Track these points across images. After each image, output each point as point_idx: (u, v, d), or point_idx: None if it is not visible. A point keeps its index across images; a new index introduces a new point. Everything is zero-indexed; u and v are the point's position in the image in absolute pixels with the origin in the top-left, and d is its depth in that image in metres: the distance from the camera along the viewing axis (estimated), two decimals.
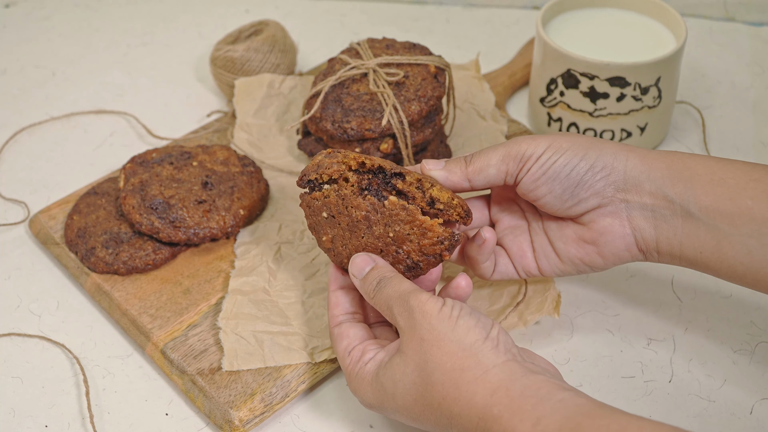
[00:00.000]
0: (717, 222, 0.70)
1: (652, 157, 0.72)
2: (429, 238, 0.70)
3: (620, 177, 0.72)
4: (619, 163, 0.72)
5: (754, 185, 0.69)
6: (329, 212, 0.73)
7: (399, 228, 0.71)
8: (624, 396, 0.76)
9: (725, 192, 0.69)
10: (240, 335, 0.78)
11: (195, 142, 0.97)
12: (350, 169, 0.72)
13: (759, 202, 0.68)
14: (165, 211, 0.85)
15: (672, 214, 0.71)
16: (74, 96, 1.07)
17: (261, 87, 1.00)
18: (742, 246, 0.69)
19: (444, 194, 0.71)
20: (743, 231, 0.69)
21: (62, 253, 0.87)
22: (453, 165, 0.74)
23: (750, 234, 0.69)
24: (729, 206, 0.69)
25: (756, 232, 0.68)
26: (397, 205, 0.70)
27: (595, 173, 0.72)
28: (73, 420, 0.76)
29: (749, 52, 1.12)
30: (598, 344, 0.80)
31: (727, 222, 0.69)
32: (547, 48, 0.93)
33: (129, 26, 1.17)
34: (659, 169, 0.72)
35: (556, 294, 0.80)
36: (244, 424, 0.74)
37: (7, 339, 0.82)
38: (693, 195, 0.70)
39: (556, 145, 0.72)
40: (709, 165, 0.71)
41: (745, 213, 0.69)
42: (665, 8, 0.96)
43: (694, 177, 0.71)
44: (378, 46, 0.92)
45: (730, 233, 0.69)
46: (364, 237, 0.72)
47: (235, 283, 0.82)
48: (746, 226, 0.69)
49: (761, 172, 0.69)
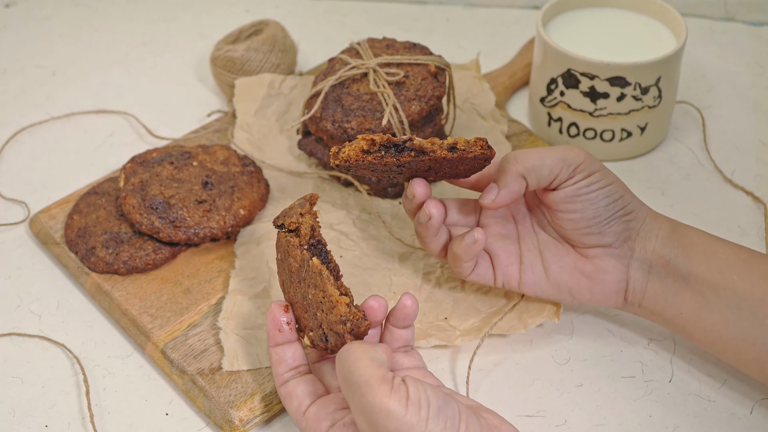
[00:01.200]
0: (703, 289, 0.74)
1: (661, 218, 0.76)
2: (334, 314, 0.67)
3: (638, 226, 0.75)
4: (641, 214, 0.76)
5: (741, 264, 0.73)
6: (282, 255, 0.72)
7: (313, 293, 0.68)
8: (624, 396, 0.76)
9: (716, 264, 0.73)
10: (240, 335, 0.78)
11: (195, 141, 0.97)
12: (363, 150, 0.71)
13: (743, 280, 0.73)
14: (165, 211, 0.85)
15: (666, 274, 0.75)
16: (74, 96, 1.07)
17: (261, 87, 1.00)
18: (721, 315, 0.73)
19: (461, 138, 0.71)
20: (725, 302, 0.73)
21: (62, 253, 0.87)
22: (507, 177, 0.73)
23: (730, 306, 0.73)
24: (717, 278, 0.73)
25: (736, 305, 0.72)
26: (316, 269, 0.67)
27: (625, 214, 0.75)
28: (73, 420, 0.76)
29: (749, 51, 1.12)
30: (599, 344, 0.80)
31: (713, 291, 0.73)
32: (548, 48, 0.93)
33: (129, 26, 1.17)
34: (665, 230, 0.76)
35: None
36: (244, 424, 0.74)
37: (8, 339, 0.82)
38: (688, 260, 0.74)
39: (606, 172, 0.74)
40: (704, 238, 0.75)
41: (730, 286, 0.73)
42: (665, 8, 0.96)
43: (692, 245, 0.75)
44: (378, 46, 0.92)
45: (712, 302, 0.73)
46: (297, 290, 0.70)
47: (236, 283, 0.82)
48: (729, 298, 0.73)
49: (749, 254, 0.74)
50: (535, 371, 0.78)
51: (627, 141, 0.96)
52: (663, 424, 0.74)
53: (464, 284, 0.83)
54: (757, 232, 0.90)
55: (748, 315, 0.72)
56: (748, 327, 0.72)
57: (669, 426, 0.74)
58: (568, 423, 0.74)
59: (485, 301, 0.81)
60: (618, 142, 0.96)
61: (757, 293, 0.72)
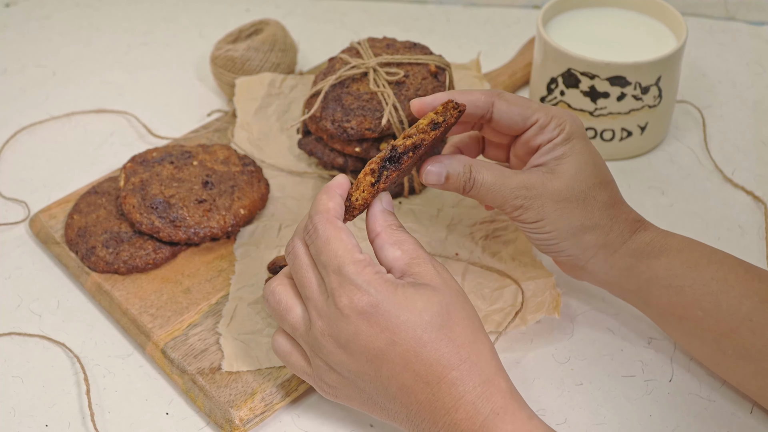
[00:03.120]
0: (665, 317, 0.74)
1: (618, 255, 0.75)
2: None
3: (578, 266, 0.76)
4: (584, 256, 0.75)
5: (709, 299, 0.71)
6: None
7: None
8: (624, 395, 0.76)
9: (680, 300, 0.72)
10: (240, 340, 0.78)
11: (195, 141, 0.97)
12: (372, 184, 0.70)
13: (708, 315, 0.71)
14: (165, 211, 0.85)
15: (622, 296, 0.77)
16: (74, 95, 1.07)
17: (261, 86, 1.00)
18: (684, 337, 0.75)
19: (430, 113, 0.71)
20: (688, 331, 0.73)
21: (63, 253, 0.87)
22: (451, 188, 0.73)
23: (693, 334, 0.73)
24: (680, 312, 0.73)
25: (699, 335, 0.73)
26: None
27: (559, 255, 0.76)
28: (73, 419, 0.76)
29: (750, 51, 1.12)
30: (599, 343, 0.80)
31: (676, 320, 0.74)
32: (548, 47, 0.93)
33: (129, 25, 1.17)
34: (620, 269, 0.75)
35: (557, 294, 0.80)
36: (244, 424, 0.74)
37: (8, 338, 0.82)
38: (646, 296, 0.74)
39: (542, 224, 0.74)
40: (672, 268, 0.73)
41: (693, 319, 0.72)
42: (666, 7, 0.96)
43: (653, 280, 0.74)
44: (378, 46, 0.92)
45: (674, 325, 0.74)
46: None
47: (235, 289, 0.82)
48: (692, 329, 0.73)
49: (720, 285, 0.71)
50: (535, 370, 0.78)
51: (627, 140, 0.96)
52: (663, 423, 0.74)
53: (464, 283, 0.83)
54: (758, 231, 0.90)
55: (712, 344, 0.72)
56: (711, 352, 0.73)
57: (669, 425, 0.74)
58: (568, 422, 0.74)
59: (486, 299, 0.81)
60: (618, 142, 0.96)
61: (722, 328, 0.71)
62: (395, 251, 0.68)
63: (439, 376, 0.63)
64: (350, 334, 0.65)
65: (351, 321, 0.64)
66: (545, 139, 0.74)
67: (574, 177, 0.73)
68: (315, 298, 0.67)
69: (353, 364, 0.66)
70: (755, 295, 0.70)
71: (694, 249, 0.74)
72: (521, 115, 0.74)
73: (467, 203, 0.89)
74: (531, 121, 0.74)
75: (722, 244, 0.88)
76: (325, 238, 0.66)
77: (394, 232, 0.69)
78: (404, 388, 0.64)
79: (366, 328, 0.64)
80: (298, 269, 0.68)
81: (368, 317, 0.64)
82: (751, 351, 0.70)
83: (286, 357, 0.71)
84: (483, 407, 0.63)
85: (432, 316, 0.64)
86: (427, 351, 0.64)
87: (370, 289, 0.64)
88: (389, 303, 0.64)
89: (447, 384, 0.63)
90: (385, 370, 0.64)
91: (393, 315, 0.64)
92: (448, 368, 0.63)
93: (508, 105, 0.74)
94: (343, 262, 0.65)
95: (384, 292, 0.64)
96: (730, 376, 0.73)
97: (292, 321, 0.68)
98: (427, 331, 0.64)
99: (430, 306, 0.64)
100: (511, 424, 0.63)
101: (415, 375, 0.64)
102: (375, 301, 0.64)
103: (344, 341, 0.65)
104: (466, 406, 0.63)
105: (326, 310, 0.66)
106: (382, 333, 0.64)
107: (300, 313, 0.68)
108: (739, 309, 0.70)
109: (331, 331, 0.65)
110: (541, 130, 0.74)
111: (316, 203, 0.68)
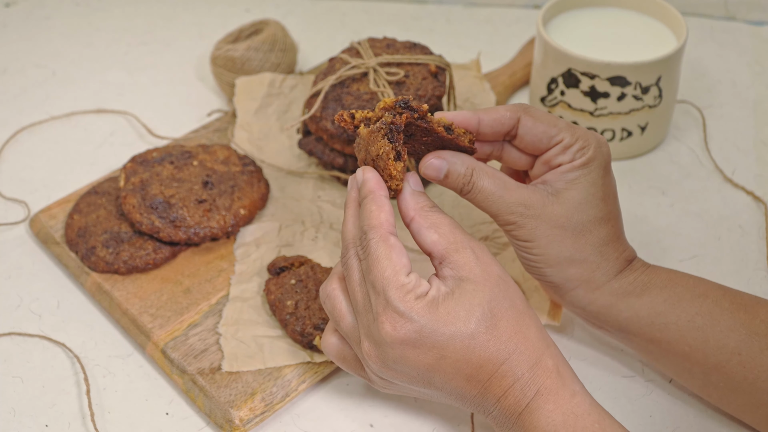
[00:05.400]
0: (651, 349, 0.73)
1: (600, 293, 0.73)
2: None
3: (558, 294, 0.75)
4: (565, 289, 0.74)
5: (695, 334, 0.70)
6: (297, 278, 0.80)
7: None
8: (624, 395, 0.76)
9: (664, 336, 0.72)
10: (240, 340, 0.78)
11: (195, 141, 0.97)
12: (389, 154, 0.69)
13: (696, 351, 0.71)
14: (165, 211, 0.85)
15: (606, 329, 0.75)
16: (75, 95, 1.07)
17: (261, 86, 1.00)
18: (672, 369, 0.74)
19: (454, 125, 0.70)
20: (676, 364, 0.72)
21: (63, 253, 0.87)
22: (449, 185, 0.72)
23: (682, 367, 0.72)
24: (665, 347, 0.72)
25: (688, 369, 0.72)
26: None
27: (541, 278, 0.74)
28: (73, 419, 0.76)
29: (750, 51, 1.12)
30: (599, 343, 0.80)
31: (662, 353, 0.73)
32: (548, 47, 0.93)
33: (129, 25, 1.17)
34: (600, 306, 0.73)
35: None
36: (244, 424, 0.74)
37: (8, 338, 0.82)
38: (627, 333, 0.73)
39: (531, 245, 0.72)
40: (654, 306, 0.72)
41: (681, 355, 0.71)
42: (666, 7, 0.96)
43: (633, 319, 0.72)
44: (378, 46, 0.92)
45: (660, 358, 0.74)
46: None
47: (236, 290, 0.82)
48: (680, 363, 0.72)
49: (706, 319, 0.70)
50: None
51: (627, 140, 0.96)
52: (663, 423, 0.74)
53: None
54: (758, 231, 0.90)
55: (701, 377, 0.71)
56: (701, 385, 0.72)
57: (669, 426, 0.74)
58: None
59: None
60: (618, 142, 0.96)
61: (710, 362, 0.70)
62: (432, 235, 0.67)
63: (489, 373, 0.64)
64: (397, 358, 0.65)
65: (395, 347, 0.64)
66: (566, 159, 0.71)
67: (576, 207, 0.71)
68: (363, 316, 0.67)
69: (403, 379, 0.66)
70: (742, 327, 0.69)
71: (677, 284, 0.72)
72: (546, 133, 0.71)
73: (468, 203, 0.89)
74: (556, 140, 0.71)
75: (722, 244, 0.88)
76: (375, 257, 0.65)
77: (429, 214, 0.67)
78: (457, 390, 0.65)
79: (412, 352, 0.64)
80: (350, 283, 0.68)
81: (413, 343, 0.64)
82: (742, 384, 0.69)
83: (340, 353, 0.71)
84: (529, 390, 0.64)
85: (477, 322, 0.64)
86: (476, 355, 0.64)
87: (413, 315, 0.64)
88: (433, 323, 0.64)
89: (498, 378, 0.64)
90: (438, 380, 0.65)
91: (438, 333, 0.64)
92: (497, 364, 0.64)
93: (534, 121, 0.71)
94: (388, 285, 0.64)
95: (426, 316, 0.64)
96: (724, 406, 0.72)
97: (346, 329, 0.69)
98: (474, 338, 0.64)
99: (473, 311, 0.64)
100: (553, 403, 0.63)
101: (467, 378, 0.64)
102: (418, 327, 0.64)
103: (391, 363, 0.65)
104: (515, 392, 0.64)
105: (372, 332, 0.66)
106: (429, 351, 0.64)
107: (352, 322, 0.68)
108: (726, 343, 0.69)
109: (378, 354, 0.66)
110: (564, 150, 0.71)
111: (368, 216, 0.67)
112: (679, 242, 0.89)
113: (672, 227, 0.90)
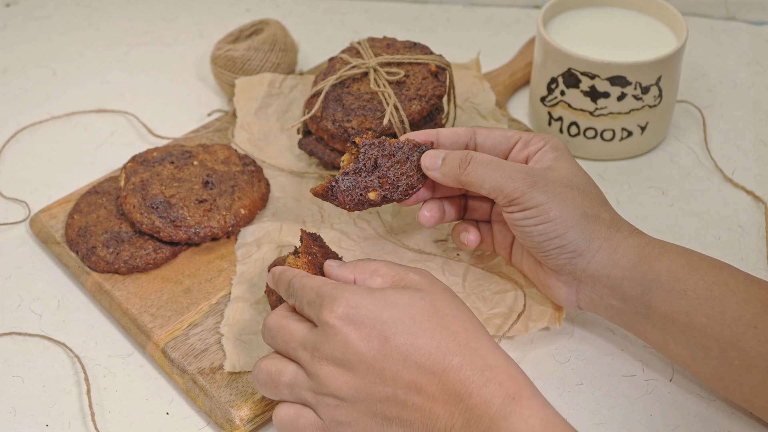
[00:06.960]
0: (667, 326, 0.72)
1: (620, 252, 0.73)
2: None
3: (584, 263, 0.73)
4: (589, 251, 0.73)
5: (712, 304, 0.70)
6: None
7: None
8: (625, 395, 0.76)
9: (683, 305, 0.70)
10: (242, 340, 0.78)
11: (196, 141, 0.97)
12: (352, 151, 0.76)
13: (713, 322, 0.70)
14: (166, 211, 0.85)
15: (623, 309, 0.74)
16: (75, 95, 1.07)
17: (262, 86, 1.00)
18: (687, 350, 0.72)
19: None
20: (691, 341, 0.71)
21: (63, 253, 0.87)
22: (447, 169, 0.75)
23: (698, 345, 0.71)
24: (684, 319, 0.71)
25: (704, 345, 0.70)
26: None
27: (565, 252, 0.73)
28: (73, 419, 0.76)
29: (750, 51, 1.12)
30: (599, 343, 0.80)
31: (678, 330, 0.71)
32: (548, 47, 0.93)
33: (130, 25, 1.17)
34: (623, 269, 0.72)
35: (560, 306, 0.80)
36: (245, 423, 0.74)
37: (8, 338, 0.82)
38: (650, 300, 0.72)
39: (548, 207, 0.72)
40: (674, 270, 0.71)
41: (698, 328, 0.70)
42: (666, 7, 0.96)
43: (655, 282, 0.71)
44: (379, 45, 0.92)
45: (677, 338, 0.71)
46: None
47: (237, 290, 0.82)
48: (696, 338, 0.70)
49: (722, 289, 0.70)
50: (535, 370, 0.78)
51: (627, 140, 0.96)
52: (663, 423, 0.74)
53: (465, 285, 0.83)
54: (758, 231, 0.90)
55: (717, 355, 0.70)
56: (716, 365, 0.71)
57: (669, 425, 0.74)
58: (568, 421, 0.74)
59: (486, 301, 0.81)
60: (618, 142, 0.96)
61: (727, 335, 0.69)
62: (376, 279, 0.69)
63: (442, 364, 0.63)
64: (342, 345, 0.64)
65: (339, 330, 0.64)
66: (533, 150, 0.76)
67: (571, 173, 0.74)
68: (301, 338, 0.67)
69: (356, 379, 0.64)
70: (757, 300, 0.69)
71: (692, 254, 0.73)
72: (504, 135, 0.77)
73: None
74: (514, 139, 0.77)
75: (722, 244, 0.88)
76: (301, 284, 0.68)
77: (364, 265, 0.70)
78: (412, 386, 0.63)
79: (355, 332, 0.64)
80: (279, 331, 0.69)
81: (353, 320, 0.64)
82: (757, 360, 0.68)
83: (294, 422, 0.68)
84: (496, 392, 0.62)
85: (418, 309, 0.64)
86: (422, 340, 0.63)
87: (346, 294, 0.65)
88: (369, 303, 0.65)
89: (453, 370, 0.62)
90: (389, 372, 0.64)
91: (377, 313, 0.64)
92: (449, 354, 0.63)
93: (489, 131, 0.78)
94: (320, 287, 0.67)
95: (361, 294, 0.65)
96: (736, 390, 0.71)
97: (288, 379, 0.67)
98: (416, 322, 0.64)
99: (413, 302, 0.65)
100: (527, 409, 0.61)
101: (419, 367, 0.63)
102: (355, 303, 0.64)
103: (340, 355, 0.64)
104: (479, 390, 0.62)
105: (314, 337, 0.66)
106: (372, 331, 0.64)
107: (293, 368, 0.68)
108: (743, 315, 0.69)
109: (324, 353, 0.65)
110: (526, 144, 0.77)
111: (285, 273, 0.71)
112: (679, 242, 0.88)
113: (672, 227, 0.90)
